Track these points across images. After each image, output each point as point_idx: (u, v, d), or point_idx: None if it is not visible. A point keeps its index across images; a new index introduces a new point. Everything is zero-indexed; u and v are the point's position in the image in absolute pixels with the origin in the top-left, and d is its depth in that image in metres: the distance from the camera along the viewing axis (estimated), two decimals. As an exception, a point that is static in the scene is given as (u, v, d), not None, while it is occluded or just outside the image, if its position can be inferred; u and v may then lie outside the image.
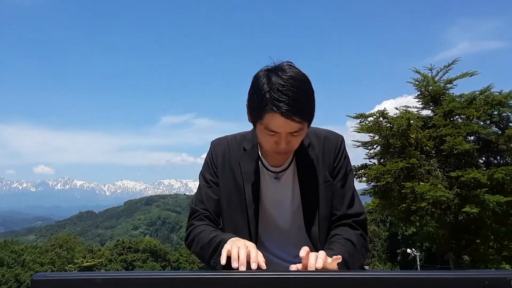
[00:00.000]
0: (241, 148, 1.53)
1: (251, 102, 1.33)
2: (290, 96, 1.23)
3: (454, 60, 9.44)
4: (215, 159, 1.54)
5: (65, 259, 48.19)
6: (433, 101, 9.48)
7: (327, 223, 1.47)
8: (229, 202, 1.49)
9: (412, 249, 27.07)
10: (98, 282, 0.87)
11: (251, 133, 1.53)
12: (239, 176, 1.49)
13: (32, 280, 0.88)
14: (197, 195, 1.56)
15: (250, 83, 1.34)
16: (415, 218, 9.41)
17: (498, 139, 8.54)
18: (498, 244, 9.11)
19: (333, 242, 1.37)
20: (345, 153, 1.54)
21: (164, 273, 0.89)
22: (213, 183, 1.52)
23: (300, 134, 1.32)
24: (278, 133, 1.29)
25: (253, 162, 1.50)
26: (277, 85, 1.24)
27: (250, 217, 1.46)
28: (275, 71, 1.27)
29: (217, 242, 1.31)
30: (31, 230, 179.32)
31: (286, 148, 1.33)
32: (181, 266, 51.95)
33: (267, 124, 1.28)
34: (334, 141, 1.51)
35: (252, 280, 0.89)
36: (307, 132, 1.43)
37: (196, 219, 1.49)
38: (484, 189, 7.85)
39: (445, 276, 0.83)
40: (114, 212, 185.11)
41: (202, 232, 1.41)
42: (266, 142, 1.35)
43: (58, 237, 55.03)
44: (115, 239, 71.64)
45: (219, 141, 1.58)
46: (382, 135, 9.30)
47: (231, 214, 1.49)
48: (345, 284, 0.84)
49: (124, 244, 54.13)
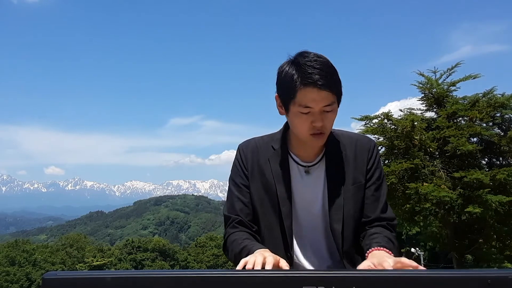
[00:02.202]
0: (270, 148, 1.53)
1: (281, 88, 1.39)
2: (320, 69, 1.29)
3: (457, 63, 9.52)
4: (245, 162, 1.53)
5: (76, 258, 48.70)
6: (437, 103, 9.56)
7: (353, 222, 1.46)
8: (262, 203, 1.50)
9: (416, 249, 27.05)
10: (108, 281, 0.87)
11: (278, 134, 1.55)
12: (270, 175, 1.49)
13: (43, 279, 0.88)
14: (228, 201, 1.56)
15: (277, 75, 1.40)
16: (419, 218, 9.49)
17: (500, 140, 8.62)
18: (500, 244, 9.18)
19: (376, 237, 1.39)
20: (379, 158, 1.53)
21: (172, 272, 0.90)
22: (244, 186, 1.52)
23: (333, 111, 1.35)
24: (313, 109, 1.32)
25: (283, 161, 1.50)
26: (305, 63, 1.31)
27: (284, 215, 1.46)
28: (297, 56, 1.35)
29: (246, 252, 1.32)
30: (42, 230, 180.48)
31: (322, 127, 1.35)
32: (189, 265, 52.16)
33: (301, 100, 1.31)
34: (367, 144, 1.51)
35: (260, 279, 0.88)
36: (338, 134, 1.51)
37: (230, 227, 1.50)
38: (487, 190, 7.94)
39: (449, 275, 0.84)
40: (124, 212, 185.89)
41: (234, 242, 1.43)
42: (301, 125, 1.37)
43: (69, 237, 55.56)
44: (125, 239, 72.05)
45: (247, 143, 1.57)
46: (387, 136, 9.41)
47: (265, 213, 1.49)
48: (353, 282, 0.84)
49: (134, 244, 54.47)
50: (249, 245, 1.35)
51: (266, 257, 1.16)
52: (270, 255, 1.19)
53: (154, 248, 53.29)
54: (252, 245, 1.34)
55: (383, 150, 9.77)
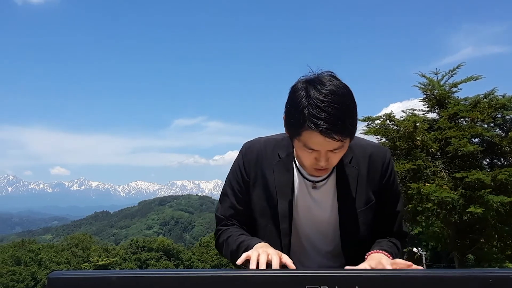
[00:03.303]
0: (275, 155, 1.41)
1: (288, 117, 1.24)
2: (330, 113, 1.12)
3: (459, 65, 9.52)
4: (247, 167, 1.43)
5: (81, 258, 48.83)
6: (439, 104, 9.58)
7: (365, 246, 1.38)
8: (262, 213, 1.41)
9: (418, 248, 26.98)
10: (113, 280, 0.88)
11: (286, 140, 1.39)
12: (273, 186, 1.39)
13: (49, 279, 0.89)
14: (221, 202, 1.48)
15: (288, 95, 1.25)
16: (421, 218, 9.50)
17: (501, 141, 8.63)
18: (501, 244, 9.21)
19: (380, 241, 1.38)
20: (394, 171, 1.42)
21: (177, 271, 0.90)
22: (240, 192, 1.43)
23: (341, 151, 1.23)
24: (317, 150, 1.21)
25: (288, 173, 1.39)
26: (316, 101, 1.13)
27: (282, 232, 1.38)
28: (313, 84, 1.17)
29: (244, 248, 1.27)
30: (48, 229, 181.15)
31: (326, 165, 1.24)
32: (194, 264, 52.14)
33: (306, 141, 1.19)
34: (381, 157, 1.39)
35: (264, 278, 0.88)
36: (351, 145, 1.30)
37: (221, 225, 1.45)
38: (488, 190, 7.96)
39: (451, 275, 0.84)
40: (129, 212, 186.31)
41: (229, 237, 1.37)
42: (304, 158, 1.26)
43: (74, 237, 55.78)
44: (130, 239, 72.21)
45: (252, 146, 1.46)
46: (389, 137, 9.43)
47: (266, 224, 1.41)
48: (355, 281, 0.85)
49: (138, 243, 54.59)
50: (246, 240, 1.31)
51: (270, 255, 1.13)
52: (274, 253, 1.15)
53: (159, 248, 53.39)
54: (249, 240, 1.30)
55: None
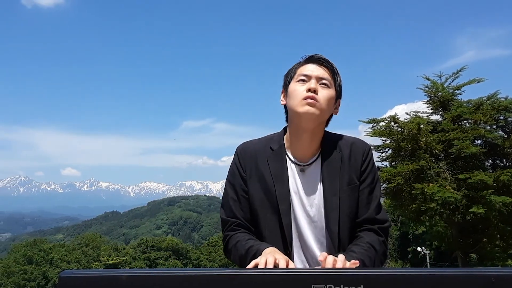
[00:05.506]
0: (268, 149, 1.55)
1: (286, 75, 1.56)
2: (321, 56, 1.50)
3: (462, 67, 9.63)
4: (243, 165, 1.54)
5: (91, 257, 49.10)
6: (442, 107, 9.70)
7: (348, 222, 1.46)
8: (262, 203, 1.50)
9: (422, 248, 26.95)
10: (123, 279, 0.89)
11: (277, 135, 1.59)
12: (269, 176, 1.50)
13: (60, 277, 0.90)
14: (225, 204, 1.55)
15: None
16: (424, 218, 9.61)
17: (504, 143, 8.72)
18: (504, 243, 9.28)
19: (356, 245, 1.40)
20: (373, 161, 1.55)
21: (185, 270, 0.91)
22: (242, 189, 1.53)
23: (329, 89, 1.47)
24: (309, 77, 1.46)
25: (282, 160, 1.52)
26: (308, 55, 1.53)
27: (283, 213, 1.47)
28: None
29: (253, 253, 1.32)
30: (59, 229, 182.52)
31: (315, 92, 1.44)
32: (202, 263, 52.30)
33: (299, 72, 1.49)
34: (361, 147, 1.54)
35: (270, 277, 0.90)
36: (335, 136, 1.56)
37: (228, 230, 1.51)
38: (491, 191, 8.07)
39: (454, 273, 0.85)
40: (138, 212, 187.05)
41: (238, 243, 1.43)
42: (297, 93, 1.46)
43: (85, 236, 56.03)
44: (139, 238, 72.53)
45: (245, 145, 1.58)
46: (394, 139, 9.54)
47: (265, 213, 1.49)
48: (361, 280, 0.86)
49: (148, 243, 54.74)
50: (255, 245, 1.37)
51: (277, 259, 1.17)
52: (282, 257, 1.20)
53: (168, 247, 53.54)
54: (258, 245, 1.36)
55: (390, 152, 9.92)
